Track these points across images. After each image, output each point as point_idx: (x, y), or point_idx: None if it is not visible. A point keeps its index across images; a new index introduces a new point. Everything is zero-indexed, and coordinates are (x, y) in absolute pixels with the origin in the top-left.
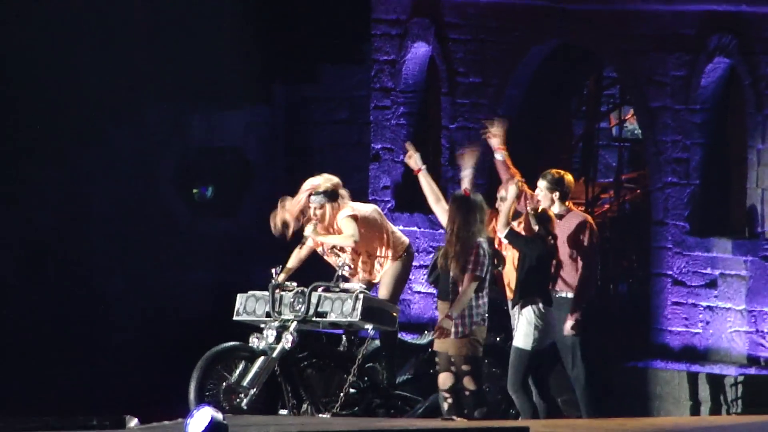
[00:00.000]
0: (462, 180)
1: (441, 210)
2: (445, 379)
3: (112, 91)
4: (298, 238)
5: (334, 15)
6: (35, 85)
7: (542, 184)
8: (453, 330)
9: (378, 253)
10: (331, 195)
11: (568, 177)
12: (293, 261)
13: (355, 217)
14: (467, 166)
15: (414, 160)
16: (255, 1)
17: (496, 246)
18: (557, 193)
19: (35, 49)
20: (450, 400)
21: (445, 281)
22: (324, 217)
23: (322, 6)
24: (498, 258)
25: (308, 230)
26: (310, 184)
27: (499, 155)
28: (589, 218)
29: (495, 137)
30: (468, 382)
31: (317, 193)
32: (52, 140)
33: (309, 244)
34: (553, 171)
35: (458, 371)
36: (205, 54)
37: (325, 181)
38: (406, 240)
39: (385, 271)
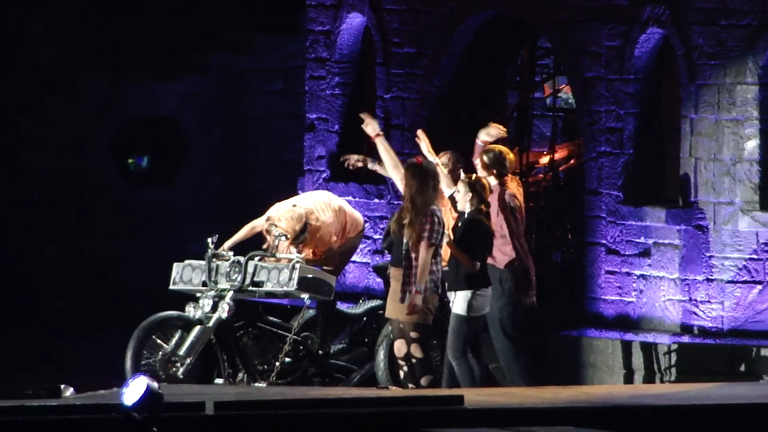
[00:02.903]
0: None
1: (398, 176)
2: (399, 347)
3: (47, 60)
4: (249, 212)
5: None
6: None
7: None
8: (401, 296)
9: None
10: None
11: (510, 155)
12: (245, 232)
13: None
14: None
15: (372, 126)
16: None
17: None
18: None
19: None
20: (405, 368)
21: (399, 248)
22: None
23: None
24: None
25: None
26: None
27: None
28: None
29: (424, 141)
30: (415, 350)
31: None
32: None
33: (262, 222)
34: (496, 148)
35: (406, 338)
36: (140, 23)
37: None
38: (360, 222)
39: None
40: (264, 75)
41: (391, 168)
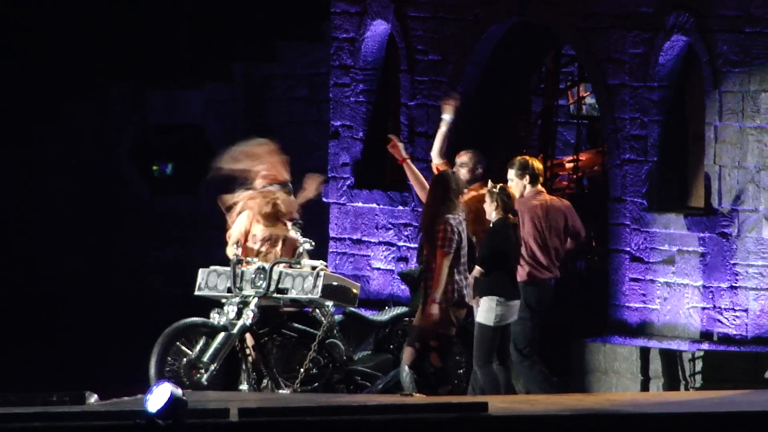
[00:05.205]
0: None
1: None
2: (407, 355)
3: (72, 68)
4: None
5: None
6: None
7: (511, 172)
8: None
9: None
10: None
11: (534, 161)
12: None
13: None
14: (447, 113)
15: (399, 149)
16: None
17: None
18: (527, 177)
19: None
20: (414, 376)
21: None
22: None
23: None
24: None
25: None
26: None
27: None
28: (567, 203)
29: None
30: (434, 359)
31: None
32: (11, 118)
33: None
34: (518, 158)
35: (426, 346)
36: (164, 32)
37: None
38: None
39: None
40: (288, 82)
41: (419, 191)
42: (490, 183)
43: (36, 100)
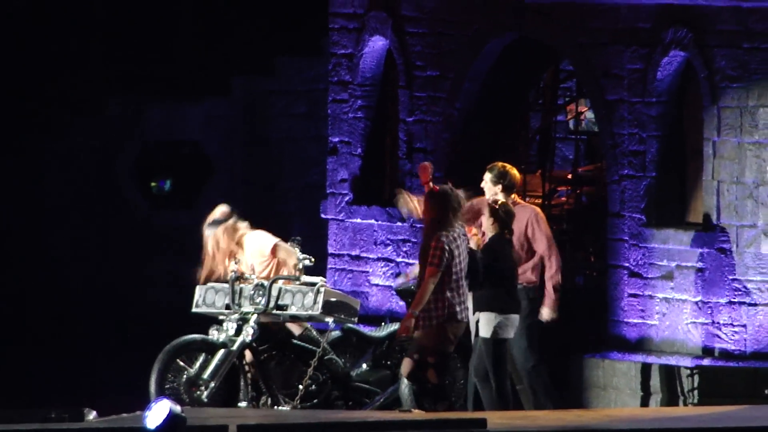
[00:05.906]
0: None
1: None
2: (405, 366)
3: (71, 82)
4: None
5: (292, 8)
6: None
7: (487, 176)
8: (420, 324)
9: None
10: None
11: (513, 171)
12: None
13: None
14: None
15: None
16: None
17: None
18: (500, 186)
19: None
20: (414, 387)
21: None
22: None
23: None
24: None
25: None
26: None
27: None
28: (537, 209)
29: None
30: (431, 375)
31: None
32: (10, 131)
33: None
34: (499, 164)
35: (423, 362)
36: (163, 47)
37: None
38: None
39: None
40: (287, 98)
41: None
42: (490, 198)
43: (34, 114)
